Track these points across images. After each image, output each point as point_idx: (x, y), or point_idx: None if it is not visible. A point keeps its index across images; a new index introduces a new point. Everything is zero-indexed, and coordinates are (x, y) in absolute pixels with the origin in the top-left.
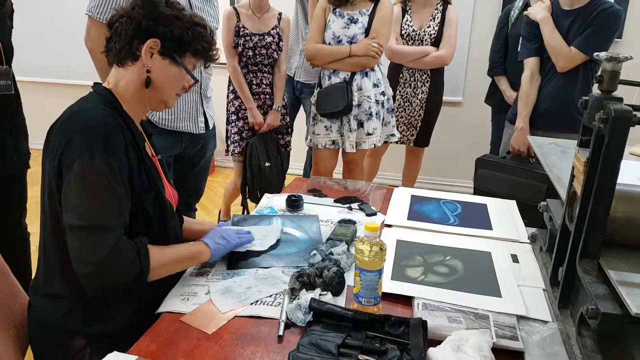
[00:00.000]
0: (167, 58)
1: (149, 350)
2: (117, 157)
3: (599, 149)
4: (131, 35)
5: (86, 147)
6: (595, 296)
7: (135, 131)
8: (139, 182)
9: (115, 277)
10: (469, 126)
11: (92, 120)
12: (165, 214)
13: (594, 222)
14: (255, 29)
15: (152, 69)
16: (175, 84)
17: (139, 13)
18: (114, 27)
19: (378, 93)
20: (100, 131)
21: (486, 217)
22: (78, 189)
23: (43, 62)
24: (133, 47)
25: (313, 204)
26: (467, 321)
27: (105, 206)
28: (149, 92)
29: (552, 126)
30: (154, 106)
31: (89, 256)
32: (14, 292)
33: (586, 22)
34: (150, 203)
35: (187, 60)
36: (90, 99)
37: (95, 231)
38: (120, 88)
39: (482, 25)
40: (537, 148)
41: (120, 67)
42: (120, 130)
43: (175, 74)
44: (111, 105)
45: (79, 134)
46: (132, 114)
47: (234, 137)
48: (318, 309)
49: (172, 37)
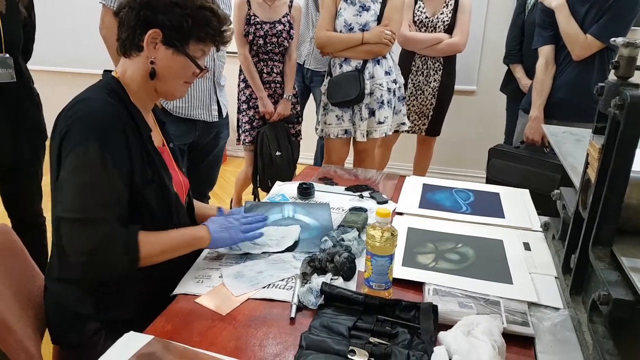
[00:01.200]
0: (170, 47)
1: (164, 331)
2: (114, 150)
3: (614, 135)
4: (133, 25)
5: (82, 138)
6: (608, 282)
7: (140, 122)
8: (140, 174)
9: (105, 267)
10: (482, 115)
11: (91, 111)
12: (169, 205)
13: (607, 209)
14: (266, 17)
15: (156, 59)
16: (182, 74)
17: (137, 2)
18: (119, 17)
19: (390, 81)
20: (98, 122)
21: (499, 206)
22: (69, 180)
23: (55, 51)
24: (136, 37)
25: (324, 192)
26: (478, 307)
27: (95, 198)
28: (155, 83)
29: (567, 115)
30: (163, 96)
31: (78, 247)
32: (33, 274)
33: (603, 9)
34: (152, 194)
35: (193, 47)
36: (96, 88)
37: (83, 223)
38: (127, 78)
39: (497, 12)
40: (552, 136)
41: (127, 58)
42: (121, 122)
43: (180, 63)
44: (116, 95)
45: (77, 124)
46: (139, 104)
47: (245, 126)
48: (329, 292)
49: (171, 26)
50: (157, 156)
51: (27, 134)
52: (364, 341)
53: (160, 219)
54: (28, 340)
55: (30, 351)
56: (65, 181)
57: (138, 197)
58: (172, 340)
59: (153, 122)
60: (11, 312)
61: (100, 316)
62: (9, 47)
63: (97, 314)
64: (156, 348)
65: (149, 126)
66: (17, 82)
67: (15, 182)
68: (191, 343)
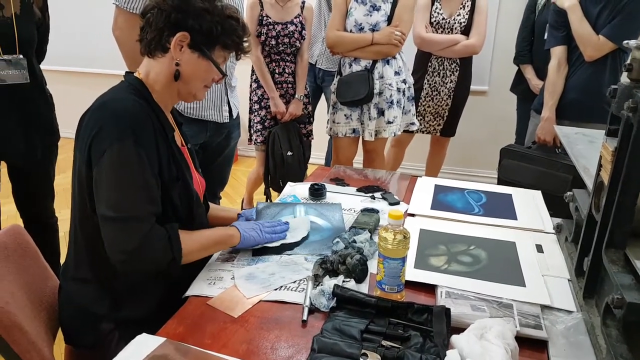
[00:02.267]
0: (196, 51)
1: (176, 333)
2: (147, 147)
3: (627, 138)
4: (161, 27)
5: (116, 137)
6: (621, 286)
7: (165, 121)
8: (167, 172)
9: (149, 263)
10: (494, 116)
11: (122, 110)
12: (191, 203)
13: (621, 212)
14: (278, 17)
15: (181, 62)
16: (204, 77)
17: (169, 5)
18: (146, 17)
19: (399, 81)
20: (130, 121)
21: (511, 207)
22: (108, 179)
23: (69, 51)
24: (163, 39)
25: (336, 193)
26: (491, 310)
27: (135, 196)
28: (178, 85)
29: (579, 116)
30: (183, 97)
31: (121, 245)
32: (45, 275)
33: (616, 9)
34: (177, 193)
35: (217, 53)
36: (120, 88)
37: (126, 222)
38: (150, 79)
39: (508, 12)
40: (564, 138)
41: (151, 58)
42: (149, 121)
43: (204, 67)
44: (141, 96)
45: (109, 123)
46: (162, 104)
47: (257, 126)
48: (341, 295)
49: (201, 31)
50: (180, 155)
51: (39, 134)
52: (376, 344)
53: (183, 218)
54: (40, 341)
55: (42, 352)
56: (103, 179)
57: (165, 196)
58: (184, 342)
59: (173, 123)
60: (24, 313)
61: (114, 316)
62: (23, 48)
63: (112, 314)
64: (169, 350)
65: (172, 125)
66: (30, 82)
67: (27, 182)
68: (203, 345)
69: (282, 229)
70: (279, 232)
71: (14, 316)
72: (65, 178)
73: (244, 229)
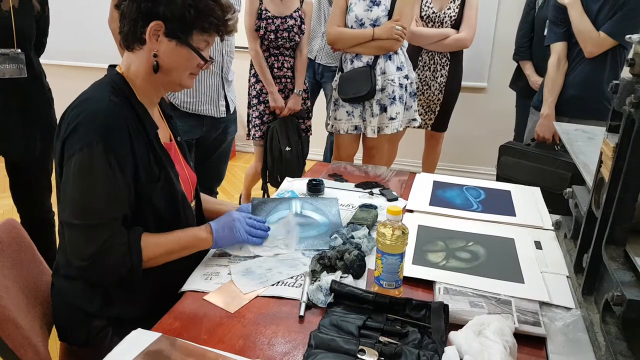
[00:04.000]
0: (173, 39)
1: (172, 328)
2: (118, 151)
3: (628, 134)
4: (134, 18)
5: (86, 140)
6: (621, 283)
7: (146, 119)
8: (145, 173)
9: (106, 272)
10: (493, 112)
11: (94, 113)
12: (176, 203)
13: (621, 209)
14: (277, 12)
15: (160, 52)
16: (186, 65)
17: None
18: (120, 9)
19: (402, 76)
20: (101, 124)
21: (510, 204)
22: (73, 184)
23: (70, 45)
24: (138, 30)
25: (334, 189)
26: (489, 306)
27: (99, 203)
28: (160, 76)
29: (578, 113)
30: (169, 88)
31: (80, 252)
32: (40, 269)
33: (616, 6)
34: (158, 194)
35: (196, 38)
36: (101, 85)
37: (85, 229)
38: (131, 73)
39: (508, 9)
40: (564, 134)
41: (130, 52)
42: (124, 122)
43: (184, 55)
44: (121, 93)
45: (80, 126)
46: (145, 99)
47: (255, 121)
48: (339, 290)
49: (173, 17)
50: (163, 154)
51: (38, 128)
52: (373, 340)
53: (167, 219)
54: (35, 336)
55: (37, 347)
56: (68, 185)
57: (143, 198)
58: (180, 337)
59: (160, 117)
60: (18, 308)
61: (107, 313)
62: (21, 41)
63: (104, 311)
64: (164, 345)
65: (155, 123)
66: (28, 76)
67: (26, 176)
68: (199, 341)
69: (260, 232)
70: (257, 229)
71: (8, 310)
72: None
73: (216, 229)
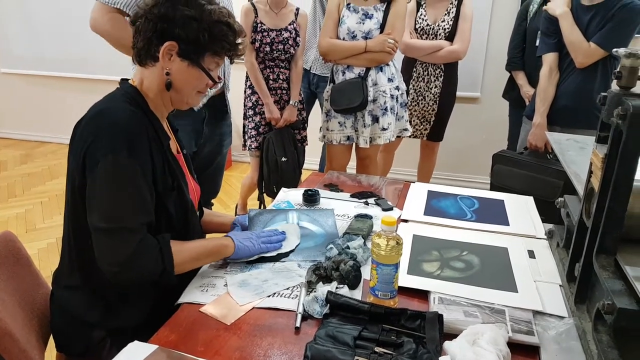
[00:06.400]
0: (185, 60)
1: (169, 340)
2: (141, 158)
3: (617, 145)
4: (149, 37)
5: (110, 147)
6: (612, 292)
7: (160, 130)
8: (161, 182)
9: (140, 275)
10: (486, 122)
11: (116, 120)
12: (187, 212)
13: (611, 218)
14: (272, 24)
15: (172, 71)
16: (196, 85)
17: (154, 14)
18: (135, 26)
19: (393, 87)
20: (125, 131)
21: (503, 213)
22: (101, 190)
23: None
24: (152, 48)
25: (329, 199)
26: (483, 315)
27: (128, 208)
28: (171, 93)
29: (570, 122)
30: (177, 105)
31: (112, 257)
32: (37, 282)
33: (606, 17)
34: (172, 202)
35: (208, 60)
36: (116, 96)
37: (117, 233)
38: (144, 87)
39: (501, 19)
40: (555, 144)
41: (143, 67)
42: (144, 130)
43: (195, 75)
44: (136, 104)
45: (103, 133)
46: (157, 112)
47: (251, 132)
48: (335, 301)
49: (188, 40)
50: (175, 164)
51: None
52: (369, 351)
53: (177, 228)
54: (32, 349)
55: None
56: (95, 190)
57: (159, 205)
58: (177, 350)
59: (168, 129)
60: (15, 320)
61: (106, 324)
62: None
63: (104, 322)
64: (160, 358)
65: (167, 134)
66: None
67: None
68: (196, 353)
69: (277, 239)
70: (274, 242)
71: (4, 323)
72: (59, 184)
73: (238, 240)
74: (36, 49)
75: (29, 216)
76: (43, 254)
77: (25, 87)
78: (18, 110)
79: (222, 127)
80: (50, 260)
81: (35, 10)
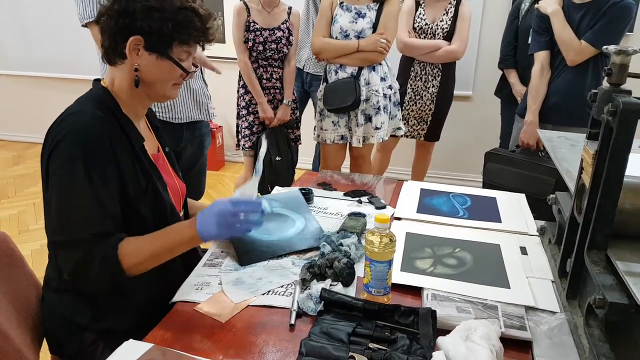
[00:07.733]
0: (153, 53)
1: (164, 339)
2: (102, 166)
3: (607, 141)
4: (113, 33)
5: (67, 156)
6: (603, 286)
7: (132, 132)
8: (133, 186)
9: (93, 284)
10: (478, 120)
11: (78, 127)
12: (165, 213)
13: (602, 214)
14: (265, 23)
15: (141, 66)
16: (169, 77)
17: (115, 10)
18: (100, 24)
19: (386, 87)
20: (85, 139)
21: (495, 210)
22: (54, 200)
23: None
24: (118, 46)
25: (323, 197)
26: (476, 311)
27: (77, 219)
28: (143, 89)
29: (561, 120)
30: (154, 99)
31: (65, 268)
32: (31, 282)
33: (597, 15)
34: (146, 206)
35: (177, 50)
36: (86, 99)
37: (65, 245)
38: (115, 87)
39: (493, 18)
40: (547, 141)
41: (113, 66)
42: (106, 136)
43: (165, 67)
44: (106, 107)
45: (63, 140)
46: (130, 112)
47: (245, 131)
48: (329, 298)
49: (152, 32)
50: (150, 166)
51: None
52: (363, 347)
53: (154, 230)
54: (26, 349)
55: None
56: (50, 203)
57: (131, 210)
58: (172, 348)
59: (147, 129)
60: (9, 320)
61: (97, 326)
62: None
63: (95, 324)
64: (156, 356)
65: (141, 136)
66: None
67: None
68: (191, 351)
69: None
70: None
71: None
72: None
73: (202, 224)
74: (27, 50)
75: (22, 217)
76: (36, 255)
77: (17, 88)
78: (9, 112)
79: (202, 129)
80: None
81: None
